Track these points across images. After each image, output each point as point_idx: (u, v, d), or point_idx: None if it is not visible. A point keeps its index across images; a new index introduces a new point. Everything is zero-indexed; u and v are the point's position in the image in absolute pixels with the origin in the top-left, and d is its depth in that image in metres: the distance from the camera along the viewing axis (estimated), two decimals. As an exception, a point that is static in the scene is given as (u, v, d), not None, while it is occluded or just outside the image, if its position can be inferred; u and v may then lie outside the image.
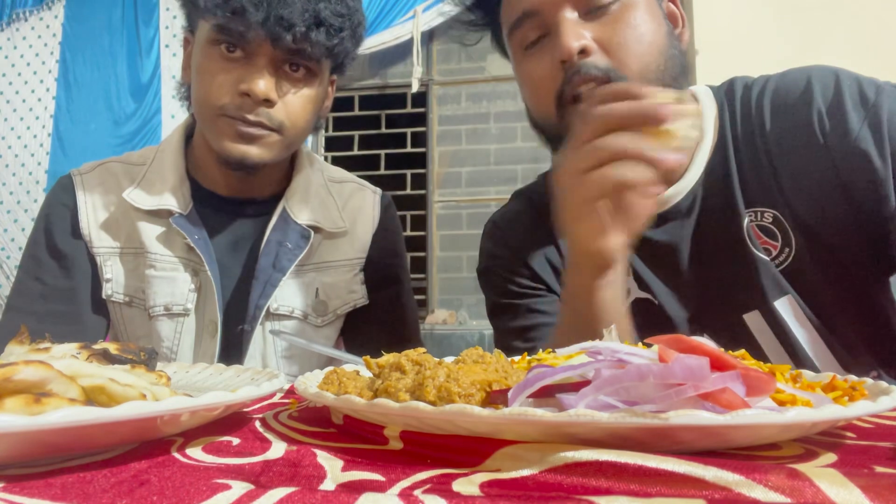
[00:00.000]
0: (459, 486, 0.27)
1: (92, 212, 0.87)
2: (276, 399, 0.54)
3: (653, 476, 0.25)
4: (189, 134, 0.93)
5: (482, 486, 0.27)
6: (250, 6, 0.74)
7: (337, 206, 0.96)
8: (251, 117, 0.79)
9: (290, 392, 0.57)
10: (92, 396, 0.33)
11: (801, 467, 0.25)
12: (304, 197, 0.92)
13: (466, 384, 0.34)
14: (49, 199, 0.89)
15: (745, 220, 0.69)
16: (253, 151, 0.81)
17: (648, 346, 0.38)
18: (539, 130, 0.75)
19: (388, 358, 0.40)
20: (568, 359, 0.39)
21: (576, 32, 0.64)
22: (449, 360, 0.43)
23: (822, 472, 0.24)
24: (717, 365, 0.32)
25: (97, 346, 0.44)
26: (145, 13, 3.72)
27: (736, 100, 0.72)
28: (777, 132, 0.68)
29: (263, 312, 0.87)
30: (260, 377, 0.50)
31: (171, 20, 3.72)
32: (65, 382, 0.32)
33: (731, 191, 0.69)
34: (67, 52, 3.78)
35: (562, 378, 0.33)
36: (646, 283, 0.74)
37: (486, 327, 3.43)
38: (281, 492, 0.25)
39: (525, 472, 0.27)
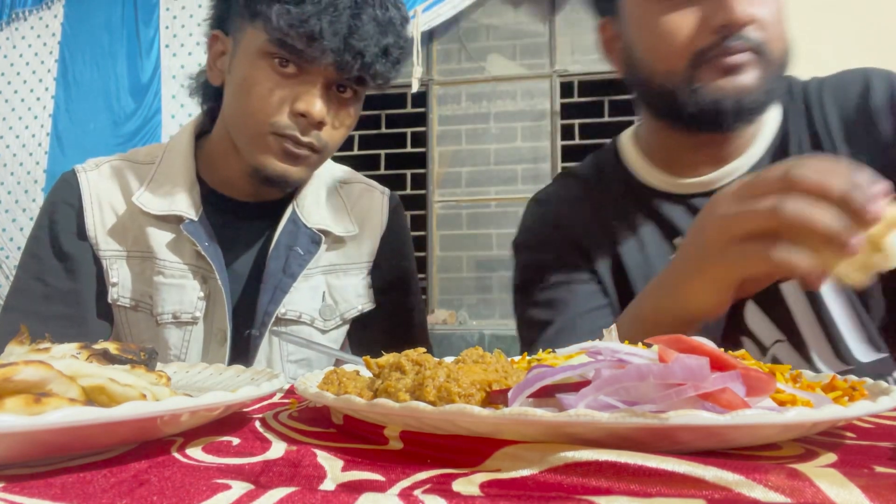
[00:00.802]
0: (459, 486, 0.27)
1: (98, 213, 0.85)
2: (276, 399, 0.54)
3: (653, 476, 0.25)
4: (198, 133, 0.91)
5: (482, 486, 0.27)
6: (329, 33, 0.72)
7: (346, 208, 0.94)
8: (304, 139, 0.77)
9: (290, 392, 0.57)
10: (92, 396, 0.33)
11: (801, 467, 0.25)
12: (314, 199, 0.91)
13: (466, 384, 0.34)
14: (53, 196, 0.87)
15: None
16: (294, 171, 0.80)
17: (648, 346, 0.38)
18: (643, 84, 0.75)
19: (387, 358, 0.40)
20: (568, 359, 0.39)
21: (748, 1, 0.65)
22: (449, 360, 0.43)
23: (822, 472, 0.24)
24: (717, 365, 0.32)
25: (97, 346, 0.44)
26: (145, 13, 3.72)
27: (795, 94, 0.76)
28: (840, 125, 0.72)
29: (273, 318, 0.85)
30: (260, 377, 0.50)
31: (171, 20, 3.72)
32: (65, 382, 0.32)
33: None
34: (66, 51, 3.78)
35: (562, 378, 0.33)
36: None
37: (486, 327, 3.43)
38: (281, 492, 0.25)
39: (525, 472, 0.27)
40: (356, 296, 0.93)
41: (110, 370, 0.35)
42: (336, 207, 0.93)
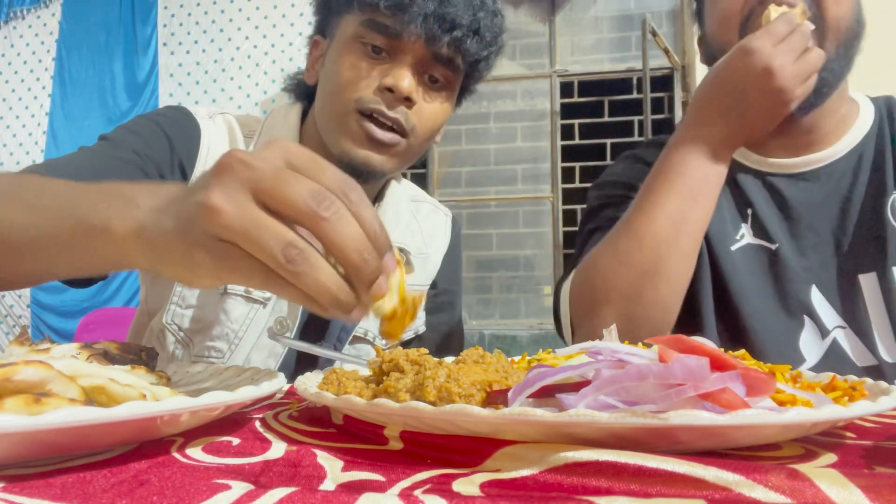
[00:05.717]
0: (459, 486, 0.27)
1: (206, 163, 0.78)
2: (276, 399, 0.54)
3: (653, 476, 0.25)
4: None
5: (482, 486, 0.27)
6: (419, 0, 0.71)
7: (419, 227, 0.92)
8: (390, 113, 0.74)
9: (291, 392, 0.57)
10: (92, 396, 0.33)
11: (802, 467, 0.25)
12: (394, 217, 0.88)
13: (467, 384, 0.34)
14: (167, 112, 0.80)
15: (892, 197, 0.74)
16: (377, 159, 0.76)
17: (648, 346, 0.38)
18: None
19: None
20: (568, 359, 0.39)
21: None
22: (449, 360, 0.43)
23: (822, 473, 0.24)
24: (717, 365, 0.32)
25: (97, 346, 0.44)
26: (143, 11, 3.72)
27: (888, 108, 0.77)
28: None
29: (350, 336, 0.84)
30: (260, 377, 0.50)
31: (169, 18, 3.72)
32: (65, 382, 0.32)
33: (881, 170, 0.75)
34: (63, 49, 3.78)
35: (562, 378, 0.33)
36: (767, 231, 0.76)
37: (486, 327, 3.42)
38: (281, 492, 0.25)
39: (525, 472, 0.27)
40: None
41: (110, 370, 0.35)
42: (411, 226, 0.91)
